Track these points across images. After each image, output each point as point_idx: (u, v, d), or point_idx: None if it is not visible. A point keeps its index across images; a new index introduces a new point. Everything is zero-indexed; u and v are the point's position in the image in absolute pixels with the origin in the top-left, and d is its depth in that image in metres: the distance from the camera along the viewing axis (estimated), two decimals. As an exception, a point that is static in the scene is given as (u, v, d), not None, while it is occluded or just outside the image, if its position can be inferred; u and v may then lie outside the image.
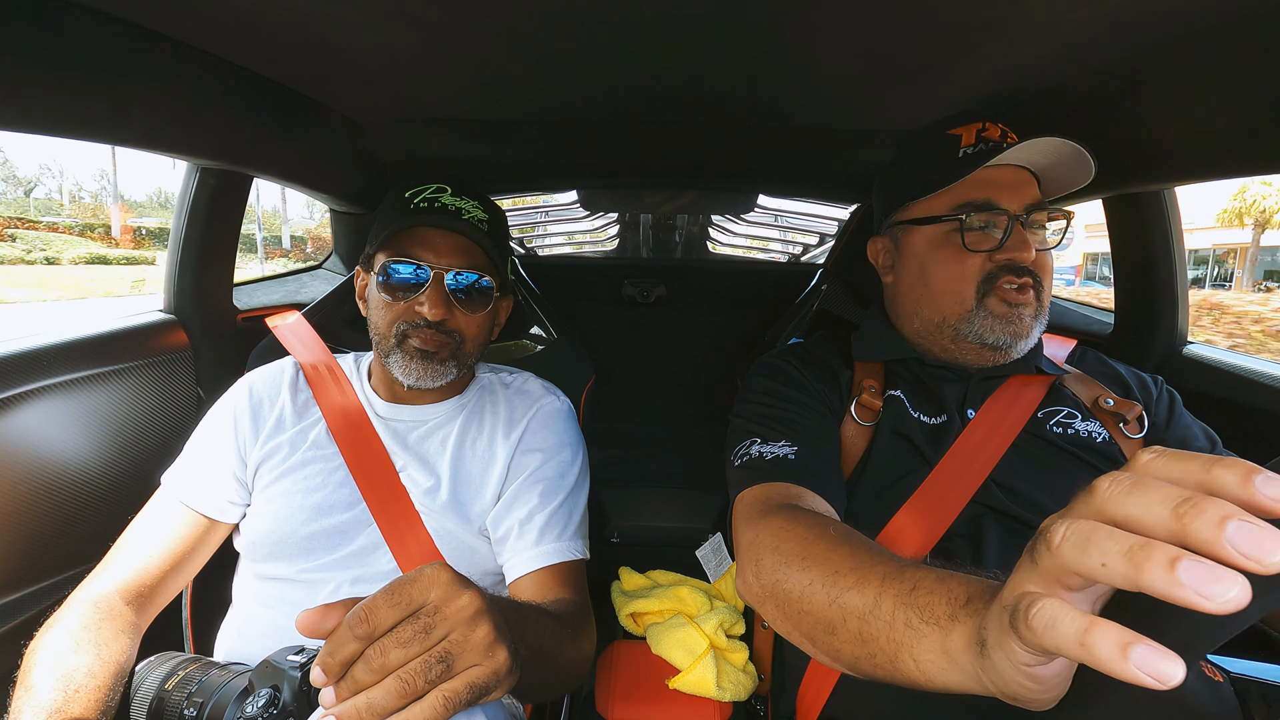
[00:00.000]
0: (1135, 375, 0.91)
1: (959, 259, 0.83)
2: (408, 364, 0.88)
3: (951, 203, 0.84)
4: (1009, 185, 0.82)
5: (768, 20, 0.72)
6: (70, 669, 0.68)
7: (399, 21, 0.75)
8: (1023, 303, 0.82)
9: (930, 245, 0.87)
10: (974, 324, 0.83)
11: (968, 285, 0.83)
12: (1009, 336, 0.82)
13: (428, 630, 0.44)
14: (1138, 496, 0.28)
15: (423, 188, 0.90)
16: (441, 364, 0.89)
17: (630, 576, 1.51)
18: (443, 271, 0.87)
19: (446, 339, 0.89)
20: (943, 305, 0.85)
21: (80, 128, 0.74)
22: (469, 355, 0.93)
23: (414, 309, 0.87)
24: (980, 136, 0.83)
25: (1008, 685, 0.36)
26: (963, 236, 0.83)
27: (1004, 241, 0.82)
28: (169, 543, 0.85)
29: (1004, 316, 0.82)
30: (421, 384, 0.89)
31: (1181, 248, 1.16)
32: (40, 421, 0.90)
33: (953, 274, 0.84)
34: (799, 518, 0.66)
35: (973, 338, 0.84)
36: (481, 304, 0.91)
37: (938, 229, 0.86)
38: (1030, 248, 0.81)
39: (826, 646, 0.55)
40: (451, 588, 0.47)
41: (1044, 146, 0.79)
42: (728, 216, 2.16)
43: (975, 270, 0.83)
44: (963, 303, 0.84)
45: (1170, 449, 0.30)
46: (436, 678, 0.44)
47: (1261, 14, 0.65)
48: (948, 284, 0.85)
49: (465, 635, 0.46)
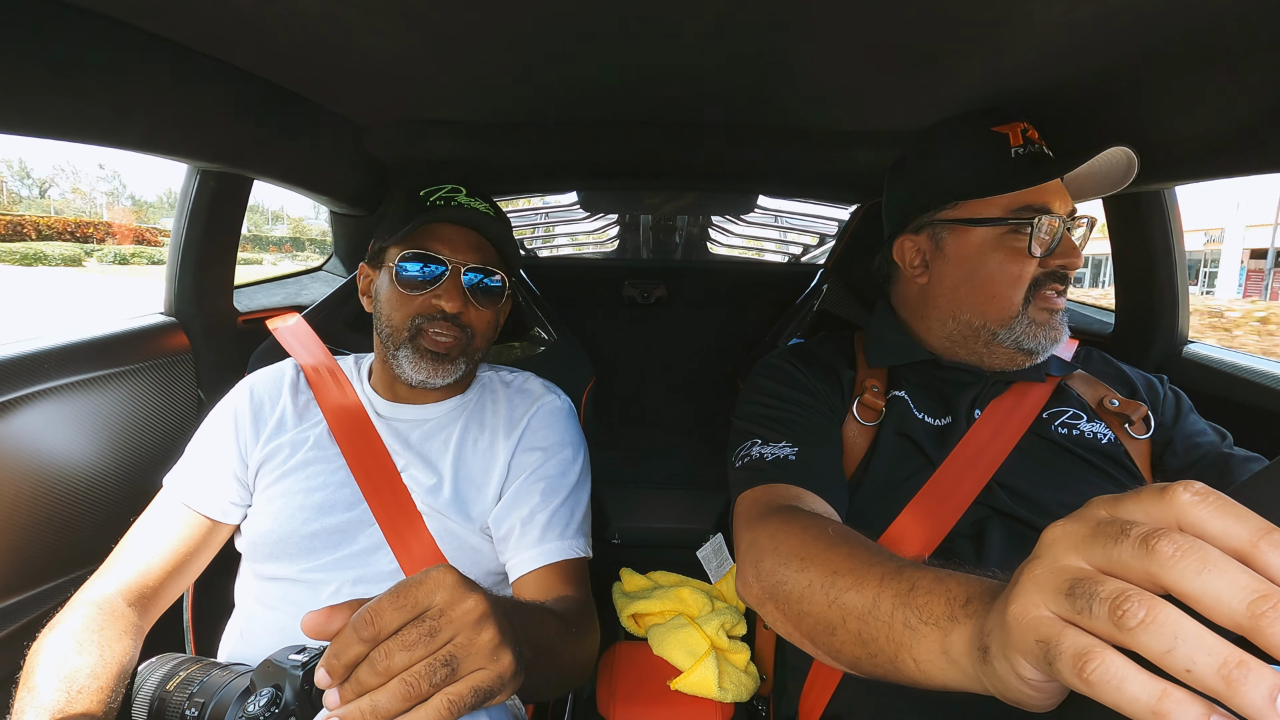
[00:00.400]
0: (1141, 376, 0.91)
1: (1017, 262, 0.81)
2: (417, 361, 0.89)
3: (1008, 205, 0.82)
4: (1057, 190, 0.82)
5: (768, 20, 0.73)
6: (73, 670, 0.68)
7: (399, 23, 0.75)
8: (1060, 309, 0.83)
9: (985, 247, 0.83)
10: (1015, 329, 0.82)
11: (1018, 290, 0.82)
12: (1048, 342, 0.82)
13: (433, 633, 0.44)
14: (1209, 577, 0.26)
15: (438, 187, 0.92)
16: (452, 363, 0.91)
17: (631, 578, 1.51)
18: (460, 266, 0.89)
19: (460, 333, 0.91)
20: (987, 309, 0.83)
21: (80, 130, 0.74)
22: (477, 351, 0.95)
23: (431, 302, 0.89)
24: (1025, 137, 0.82)
25: (1009, 691, 0.36)
26: (1031, 241, 0.80)
27: (1054, 247, 0.81)
28: (171, 544, 0.85)
29: (1045, 324, 0.82)
30: (429, 382, 0.90)
31: (1182, 247, 1.16)
32: (42, 424, 0.90)
33: (1008, 277, 0.82)
34: (798, 519, 0.66)
35: (1010, 343, 0.83)
36: (494, 301, 0.94)
37: (993, 231, 0.83)
38: (1079, 254, 0.82)
39: (827, 646, 0.55)
40: (457, 590, 0.47)
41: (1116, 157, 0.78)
42: (728, 217, 2.16)
43: (1028, 275, 0.82)
44: (1009, 308, 0.82)
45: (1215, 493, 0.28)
46: (441, 681, 0.44)
47: (1261, 14, 0.65)
48: (999, 288, 0.82)
49: (470, 639, 0.46)
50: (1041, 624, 0.31)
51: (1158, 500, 0.29)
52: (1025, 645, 0.32)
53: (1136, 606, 0.27)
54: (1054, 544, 0.33)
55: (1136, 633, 0.26)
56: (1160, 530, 0.27)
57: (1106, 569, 0.29)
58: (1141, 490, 0.30)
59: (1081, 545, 0.31)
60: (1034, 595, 0.32)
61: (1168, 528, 0.28)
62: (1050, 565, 0.32)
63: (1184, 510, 0.28)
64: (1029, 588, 0.32)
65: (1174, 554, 0.26)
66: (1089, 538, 0.30)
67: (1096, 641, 0.28)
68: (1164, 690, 0.26)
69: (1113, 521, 0.30)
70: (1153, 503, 0.29)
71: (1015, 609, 0.33)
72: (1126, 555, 0.28)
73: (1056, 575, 0.31)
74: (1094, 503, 0.32)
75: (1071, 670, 0.28)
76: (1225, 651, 0.25)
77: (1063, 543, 0.32)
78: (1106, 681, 0.27)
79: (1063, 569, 0.31)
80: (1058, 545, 0.32)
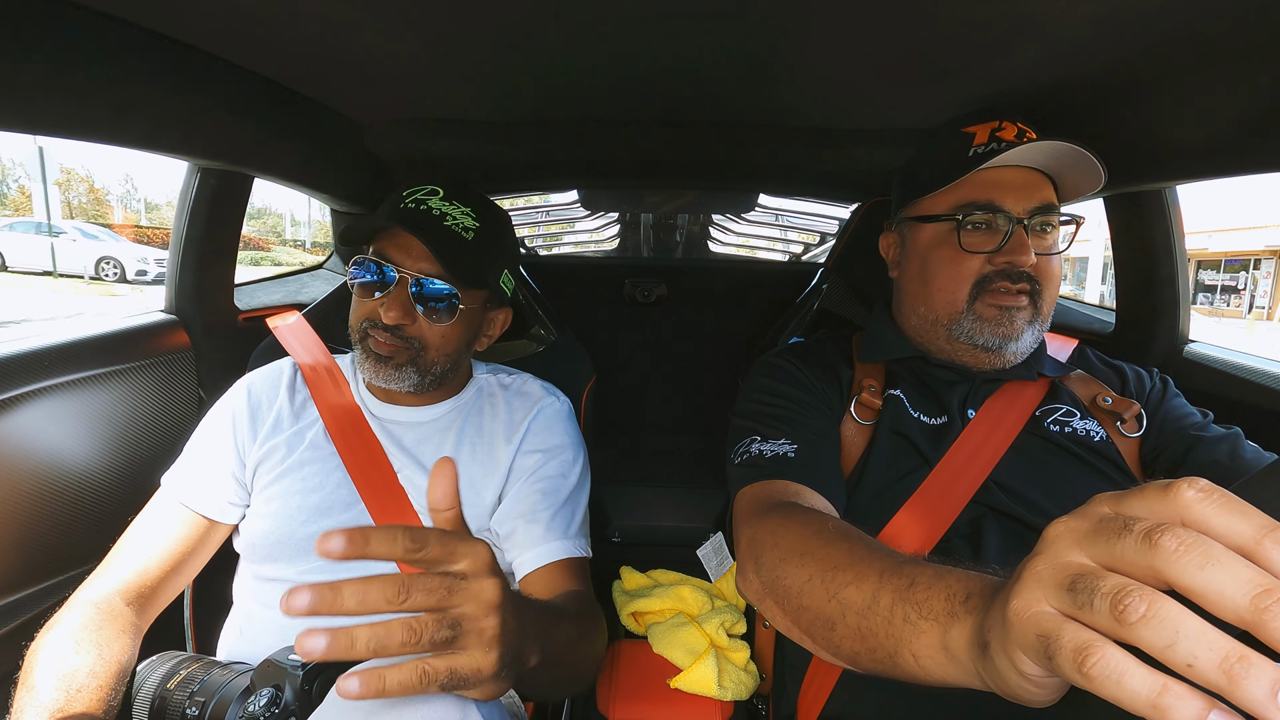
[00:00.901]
0: (1133, 370, 0.91)
1: (956, 259, 0.83)
2: (364, 361, 0.88)
3: (954, 202, 0.83)
4: (1016, 187, 0.81)
5: (768, 19, 0.72)
6: (72, 669, 0.68)
7: (399, 21, 0.75)
8: (1014, 305, 0.80)
9: (931, 243, 0.86)
10: (964, 325, 0.83)
11: (962, 286, 0.82)
12: (999, 339, 0.81)
13: (451, 590, 0.44)
14: (1212, 572, 0.26)
15: (417, 189, 0.88)
16: (398, 369, 0.87)
17: (631, 576, 1.51)
18: (409, 276, 0.84)
19: (403, 344, 0.86)
20: (937, 304, 0.85)
21: (81, 128, 0.74)
22: (433, 364, 0.89)
23: (376, 309, 0.86)
24: (994, 135, 0.81)
25: (1009, 686, 0.36)
26: (959, 236, 0.82)
27: (1003, 244, 0.80)
28: (169, 544, 0.85)
29: (993, 319, 0.81)
30: (379, 383, 0.89)
31: (1183, 247, 1.16)
32: (41, 422, 0.90)
33: (950, 274, 0.83)
34: (797, 514, 0.66)
35: (964, 338, 0.83)
36: (447, 314, 0.87)
37: (940, 227, 0.85)
38: (1029, 251, 0.79)
39: (826, 642, 0.55)
40: (486, 567, 0.47)
41: (1047, 149, 0.77)
42: (728, 216, 2.16)
43: (972, 272, 0.82)
44: (955, 303, 0.83)
45: (1220, 490, 0.28)
46: (440, 642, 0.44)
47: (1261, 14, 0.65)
48: (944, 283, 0.84)
49: (475, 619, 0.46)
50: (1042, 619, 0.31)
51: (1161, 497, 0.29)
52: (1026, 640, 0.32)
53: (1138, 601, 0.26)
54: (1056, 540, 0.32)
55: (1137, 627, 0.26)
56: (1163, 525, 0.27)
57: (1109, 564, 0.29)
58: (1145, 487, 0.30)
59: (1084, 541, 0.31)
60: (1035, 590, 0.32)
61: (1171, 523, 0.28)
62: (1052, 561, 0.32)
63: (1188, 507, 0.28)
64: (1030, 583, 0.32)
65: (1177, 549, 0.26)
66: (1091, 533, 0.30)
67: (1097, 636, 0.28)
68: (1164, 685, 0.25)
69: (1115, 517, 0.30)
70: (1156, 499, 0.29)
71: (1016, 604, 0.33)
72: (1129, 551, 0.28)
73: (1058, 570, 0.31)
74: (1097, 499, 0.32)
75: (1071, 665, 0.28)
76: (1227, 646, 0.25)
77: (1065, 538, 0.32)
78: (1107, 676, 0.27)
79: (1064, 564, 0.31)
80: (1060, 541, 0.32)
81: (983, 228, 0.82)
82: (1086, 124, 0.95)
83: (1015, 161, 0.80)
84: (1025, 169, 0.82)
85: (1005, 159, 0.79)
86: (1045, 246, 0.83)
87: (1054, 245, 0.84)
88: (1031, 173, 0.82)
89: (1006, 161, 0.79)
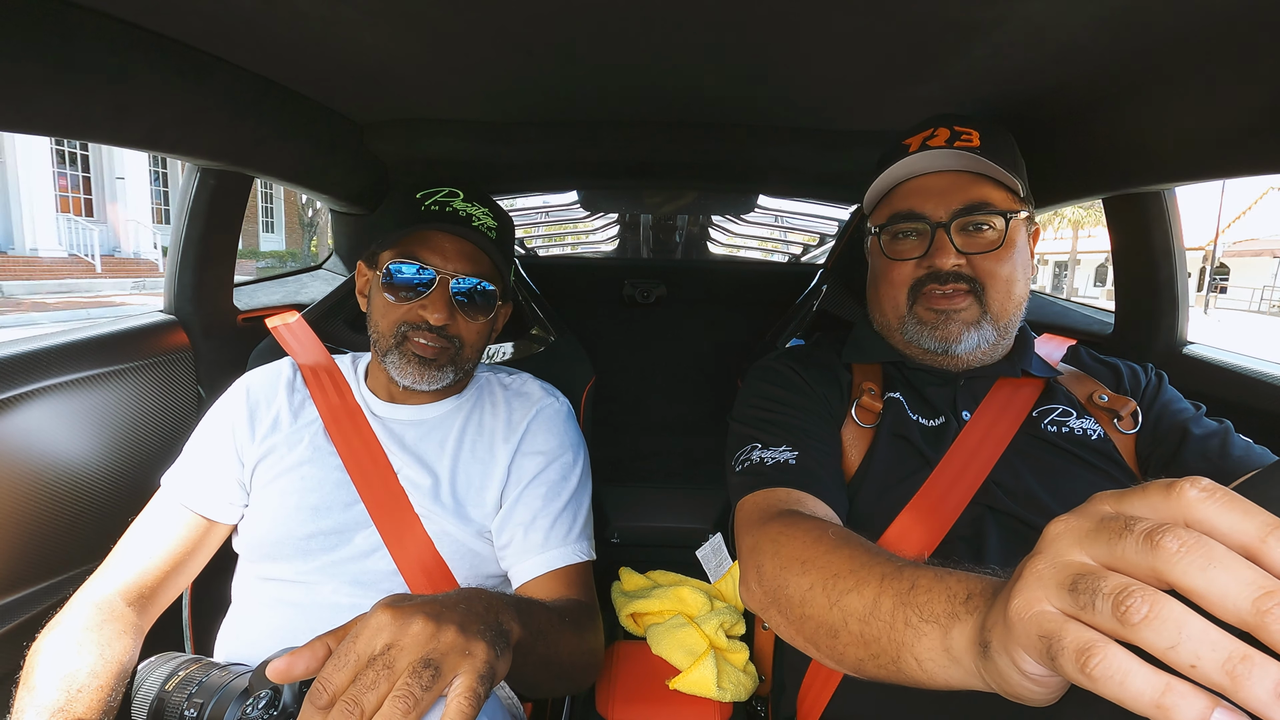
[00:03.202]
0: (1128, 365, 0.91)
1: (890, 267, 0.86)
2: (404, 366, 0.88)
3: (887, 212, 0.87)
4: (938, 192, 0.82)
5: (768, 20, 0.72)
6: (72, 669, 0.68)
7: (399, 22, 0.75)
8: (950, 308, 0.82)
9: (876, 252, 0.90)
10: (909, 329, 0.86)
11: (900, 292, 0.86)
12: (938, 341, 0.83)
13: (390, 665, 0.45)
14: (1215, 572, 0.25)
15: (435, 190, 0.90)
16: (439, 369, 0.89)
17: (630, 577, 1.50)
18: (449, 276, 0.87)
19: (447, 344, 0.89)
20: (886, 309, 0.89)
21: (81, 128, 0.74)
22: (467, 360, 0.93)
23: (417, 311, 0.88)
24: (925, 144, 0.82)
25: (1011, 686, 0.36)
26: (881, 245, 0.87)
27: (929, 249, 0.82)
28: (169, 544, 0.85)
29: (931, 322, 0.83)
30: (417, 386, 0.90)
31: (1182, 247, 1.16)
32: (41, 422, 0.90)
33: (888, 280, 0.87)
34: (798, 523, 0.66)
35: (913, 341, 0.86)
36: (484, 311, 0.92)
37: (880, 238, 0.88)
38: (948, 254, 0.80)
39: (830, 650, 0.55)
40: (396, 624, 0.47)
41: (936, 157, 0.80)
42: (728, 217, 2.16)
43: (905, 278, 0.85)
44: (898, 308, 0.87)
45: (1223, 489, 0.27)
46: (431, 682, 0.44)
47: (1260, 14, 0.65)
48: (886, 289, 0.88)
49: (435, 648, 0.46)
50: (1044, 619, 0.31)
51: (1164, 496, 0.29)
52: (1027, 640, 0.32)
53: (1140, 602, 0.26)
54: (1057, 539, 0.32)
55: (1140, 628, 0.26)
56: (1164, 525, 0.27)
57: (1110, 564, 0.29)
58: (1148, 485, 0.30)
59: (1085, 540, 0.30)
60: (1036, 590, 0.32)
61: (1173, 523, 0.27)
62: (1053, 560, 0.32)
63: (1191, 506, 0.28)
64: (1031, 583, 0.32)
65: (1179, 549, 0.26)
66: (1092, 533, 0.30)
67: (1099, 636, 0.28)
68: (1168, 684, 0.25)
69: (1117, 517, 0.29)
70: (1159, 498, 0.29)
71: (1017, 604, 0.32)
72: (1130, 551, 0.28)
73: (1059, 570, 0.31)
74: (1098, 498, 0.32)
75: (1074, 665, 0.28)
76: (1230, 646, 0.25)
77: (1066, 538, 0.32)
78: (1110, 676, 0.27)
79: (1066, 564, 0.31)
80: (1060, 540, 0.32)
81: (911, 235, 0.85)
82: (1086, 125, 0.95)
83: (904, 175, 0.84)
84: (953, 173, 0.82)
85: (892, 173, 0.83)
86: (981, 245, 0.82)
87: (994, 243, 0.82)
88: (959, 175, 0.82)
89: (894, 177, 0.84)
